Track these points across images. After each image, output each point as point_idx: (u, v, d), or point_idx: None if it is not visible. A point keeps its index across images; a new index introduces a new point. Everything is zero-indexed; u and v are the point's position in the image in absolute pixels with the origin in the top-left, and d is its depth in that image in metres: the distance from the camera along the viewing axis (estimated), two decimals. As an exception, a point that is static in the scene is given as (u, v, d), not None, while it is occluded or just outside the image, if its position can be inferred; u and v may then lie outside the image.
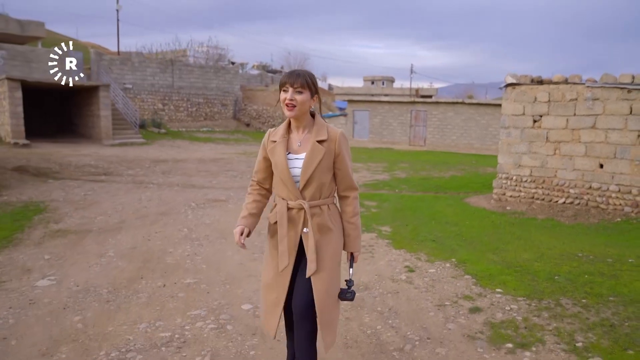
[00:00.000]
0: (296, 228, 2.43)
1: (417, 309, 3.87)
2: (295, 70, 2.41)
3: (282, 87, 2.38)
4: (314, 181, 2.40)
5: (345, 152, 2.45)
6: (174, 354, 3.09)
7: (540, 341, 3.23)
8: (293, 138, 2.47)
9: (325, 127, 2.44)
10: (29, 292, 4.20)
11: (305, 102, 2.36)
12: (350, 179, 2.49)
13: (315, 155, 2.37)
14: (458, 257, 5.31)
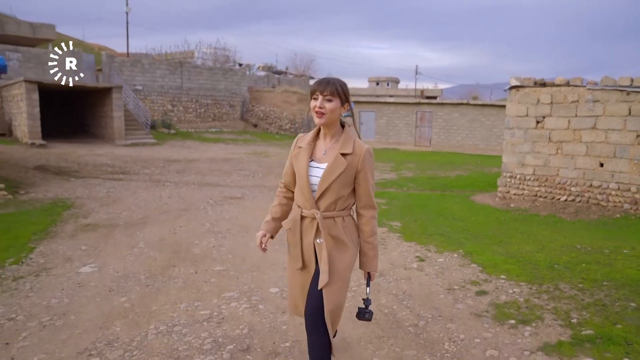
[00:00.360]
0: (309, 237, 2.45)
1: (428, 292, 4.27)
2: (326, 78, 2.42)
3: (312, 94, 2.41)
4: (331, 193, 2.39)
5: (368, 169, 2.42)
6: (216, 328, 3.50)
7: (540, 318, 3.63)
8: (319, 146, 2.47)
9: (352, 141, 2.41)
10: (75, 277, 4.63)
11: (335, 110, 2.37)
12: (370, 197, 2.46)
13: (336, 168, 2.36)
14: (465, 249, 5.71)
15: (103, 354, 3.11)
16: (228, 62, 41.53)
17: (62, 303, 3.96)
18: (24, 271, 4.78)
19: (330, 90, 2.34)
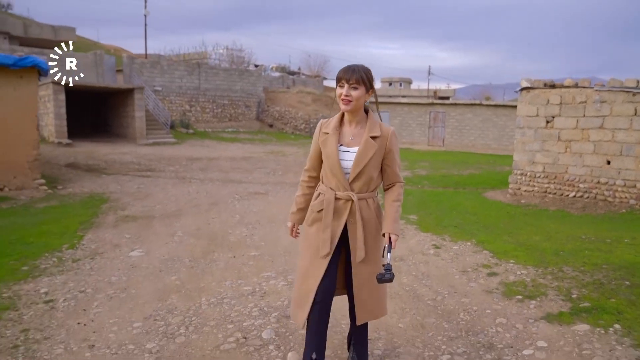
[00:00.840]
0: (341, 218, 2.55)
1: (444, 273, 4.77)
2: (351, 66, 2.48)
3: (338, 82, 2.49)
4: (364, 175, 2.51)
5: (395, 149, 2.57)
6: (260, 300, 4.03)
7: (544, 294, 4.11)
8: (345, 131, 2.57)
9: (379, 125, 2.54)
10: (127, 260, 5.19)
11: (361, 98, 2.46)
12: (397, 175, 2.63)
13: (368, 150, 2.48)
14: (477, 239, 6.18)
15: (166, 319, 3.65)
16: (243, 63, 42.27)
17: (121, 280, 4.52)
18: (80, 255, 5.35)
19: (356, 78, 2.42)
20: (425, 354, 3.11)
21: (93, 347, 3.17)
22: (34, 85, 9.08)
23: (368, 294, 2.63)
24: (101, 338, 3.30)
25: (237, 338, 3.29)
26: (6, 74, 8.55)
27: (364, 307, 2.64)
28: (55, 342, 3.23)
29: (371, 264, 2.59)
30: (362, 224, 2.54)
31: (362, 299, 2.62)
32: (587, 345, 3.19)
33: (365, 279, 2.60)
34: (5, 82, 8.59)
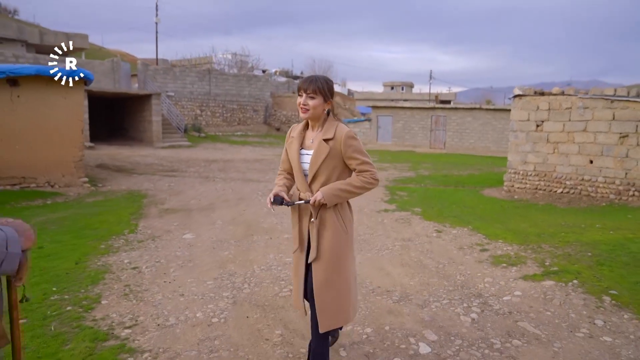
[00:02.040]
0: (304, 218, 2.68)
1: (445, 249, 5.87)
2: (311, 77, 2.63)
3: (298, 91, 2.62)
4: (321, 176, 2.60)
5: (352, 149, 2.58)
6: (299, 267, 5.13)
7: (524, 262, 5.21)
8: (308, 135, 2.70)
9: (334, 127, 2.59)
10: (183, 240, 6.30)
11: (318, 107, 2.57)
12: (368, 165, 2.63)
13: (321, 153, 2.56)
14: (473, 225, 7.27)
15: (231, 279, 4.74)
16: (248, 68, 43.50)
17: (185, 254, 5.62)
18: (141, 237, 6.46)
19: (312, 88, 2.55)
20: (431, 300, 4.21)
21: (183, 295, 4.27)
22: (81, 94, 10.22)
23: (328, 298, 2.63)
24: (186, 290, 4.41)
25: (290, 289, 4.39)
26: (58, 84, 9.68)
27: (324, 313, 2.62)
28: (153, 292, 4.33)
29: (329, 266, 2.61)
30: (319, 224, 2.61)
31: (322, 303, 2.63)
32: (550, 292, 4.29)
33: (322, 282, 2.62)
34: (56, 92, 9.73)
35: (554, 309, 3.97)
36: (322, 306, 2.61)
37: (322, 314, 2.61)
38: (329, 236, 2.60)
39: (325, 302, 2.61)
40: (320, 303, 2.61)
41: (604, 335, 3.47)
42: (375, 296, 4.25)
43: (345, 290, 2.67)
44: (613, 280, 4.50)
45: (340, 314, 2.66)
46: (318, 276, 2.61)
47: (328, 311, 2.62)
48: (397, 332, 3.51)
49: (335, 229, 2.61)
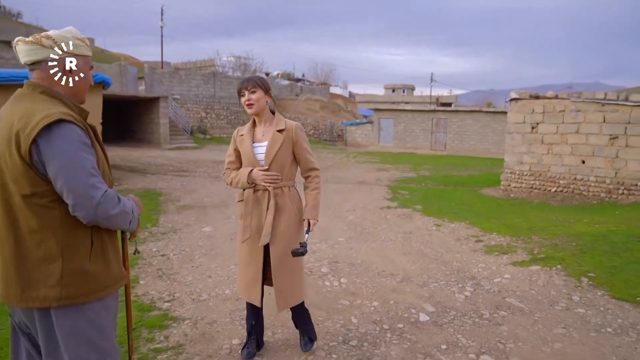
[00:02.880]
0: (261, 206, 2.86)
1: (443, 240, 6.42)
2: (247, 77, 2.95)
3: (239, 93, 2.87)
4: (276, 164, 2.83)
5: (302, 139, 2.91)
6: (312, 255, 5.67)
7: (514, 251, 5.76)
8: (257, 131, 2.95)
9: (284, 120, 2.92)
10: (202, 233, 6.85)
11: (261, 99, 2.83)
12: (309, 161, 2.95)
13: (276, 142, 2.84)
14: (470, 220, 7.82)
15: (250, 265, 5.29)
16: (248, 70, 44.17)
17: (206, 244, 6.18)
18: (164, 230, 7.02)
19: (252, 84, 2.84)
20: (429, 281, 4.76)
21: (210, 277, 4.83)
22: (99, 97, 10.79)
23: (285, 280, 2.88)
24: (212, 273, 4.96)
25: (306, 272, 4.93)
26: (78, 88, 10.25)
27: (281, 294, 2.89)
28: (183, 275, 4.89)
29: (285, 249, 2.83)
30: (275, 210, 2.84)
31: (279, 284, 2.87)
32: (535, 275, 4.84)
33: (280, 262, 2.85)
34: (77, 95, 10.30)
35: (538, 288, 4.52)
36: (282, 286, 2.87)
37: (281, 293, 2.88)
38: (285, 220, 2.85)
39: (282, 284, 2.87)
40: (278, 284, 2.87)
41: (579, 307, 4.02)
42: (380, 278, 4.80)
43: (298, 270, 2.96)
44: (592, 265, 5.05)
45: (295, 293, 2.95)
46: (276, 260, 2.83)
47: (286, 290, 2.89)
48: (400, 305, 4.06)
49: (290, 214, 2.88)
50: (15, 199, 1.66)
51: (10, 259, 1.69)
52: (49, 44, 1.76)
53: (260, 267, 2.88)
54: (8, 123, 1.67)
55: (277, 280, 2.85)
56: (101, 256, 1.81)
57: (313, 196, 2.93)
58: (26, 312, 1.76)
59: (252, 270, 2.91)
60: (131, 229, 1.91)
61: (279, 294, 2.88)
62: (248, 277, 2.92)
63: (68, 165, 1.62)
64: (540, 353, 3.22)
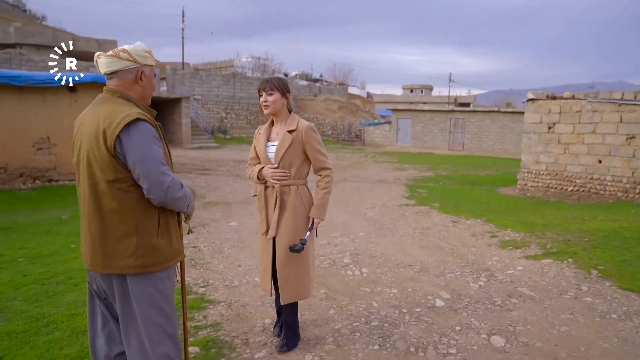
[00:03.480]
0: (269, 202, 3.04)
1: (459, 236, 6.68)
2: (267, 78, 3.08)
3: (258, 93, 3.03)
4: (285, 163, 2.96)
5: (313, 140, 2.99)
6: (334, 247, 5.99)
7: (527, 246, 6.00)
8: (274, 130, 3.10)
9: (297, 121, 3.02)
10: (229, 227, 7.22)
11: (277, 101, 2.97)
12: (320, 161, 3.04)
13: (285, 142, 2.96)
14: (486, 218, 8.05)
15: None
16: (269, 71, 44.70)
17: (234, 237, 6.54)
18: (192, 224, 7.39)
19: (269, 86, 2.97)
20: (445, 272, 5.04)
21: (240, 266, 5.18)
22: (128, 99, 11.23)
23: (289, 274, 2.99)
24: (242, 263, 5.32)
25: (329, 262, 5.28)
26: (109, 90, 10.73)
27: (285, 287, 3.00)
28: (215, 264, 5.25)
29: (288, 243, 2.94)
30: (281, 206, 2.99)
31: (284, 277, 2.99)
32: (547, 268, 5.09)
33: (284, 258, 2.98)
34: (107, 97, 10.78)
35: (549, 279, 4.77)
36: (283, 281, 2.99)
37: (283, 288, 3.00)
38: (292, 217, 2.96)
39: (286, 278, 2.98)
40: (282, 277, 2.98)
41: (586, 297, 4.27)
42: (399, 268, 5.10)
43: (305, 267, 3.02)
44: (603, 259, 5.28)
45: (299, 289, 3.03)
46: (281, 254, 2.96)
47: (288, 286, 2.99)
48: (417, 292, 4.36)
49: (296, 212, 2.98)
50: (100, 184, 2.01)
51: (96, 235, 2.05)
52: (124, 56, 2.11)
53: (269, 259, 3.06)
54: (94, 122, 2.02)
55: (281, 274, 2.99)
56: (166, 233, 2.16)
57: (320, 196, 3.04)
58: (105, 280, 2.12)
59: (264, 262, 3.13)
60: (188, 211, 2.26)
61: (283, 287, 3.01)
62: (261, 267, 3.17)
63: (144, 156, 1.96)
64: (547, 334, 3.49)
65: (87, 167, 2.04)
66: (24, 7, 65.93)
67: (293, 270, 2.99)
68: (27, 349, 3.05)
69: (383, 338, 3.39)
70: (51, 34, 35.82)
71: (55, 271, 4.72)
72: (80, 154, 2.09)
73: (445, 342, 3.33)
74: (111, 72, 2.13)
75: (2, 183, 9.66)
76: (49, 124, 10.15)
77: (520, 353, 3.19)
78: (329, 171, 3.08)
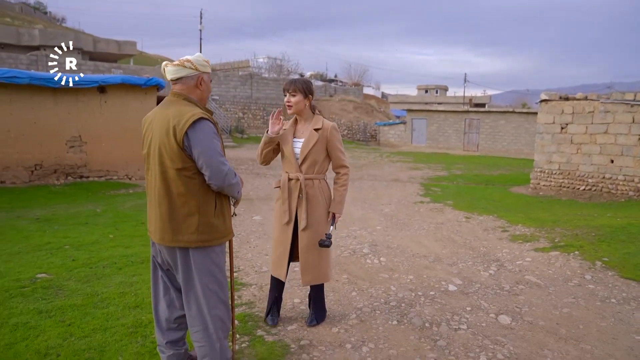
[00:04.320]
0: (292, 195, 3.26)
1: (472, 230, 7.03)
2: (291, 79, 3.31)
3: (284, 92, 3.29)
4: (310, 158, 3.22)
5: (335, 139, 3.27)
6: (353, 239, 6.38)
7: (537, 240, 6.33)
8: (298, 128, 3.35)
9: (322, 120, 3.29)
10: (253, 221, 7.64)
11: (299, 102, 3.22)
12: (340, 159, 3.30)
13: (312, 139, 3.21)
14: (498, 214, 8.38)
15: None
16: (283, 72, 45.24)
17: (259, 230, 6.95)
18: (218, 219, 7.83)
19: (293, 88, 3.22)
20: (458, 262, 5.40)
21: (267, 255, 5.59)
22: (154, 99, 11.76)
23: (311, 259, 3.27)
24: (268, 252, 5.71)
25: (349, 252, 5.67)
26: (136, 91, 11.26)
27: (307, 270, 3.30)
28: (244, 253, 5.67)
29: (313, 232, 3.25)
30: (307, 199, 3.24)
31: (306, 262, 3.28)
32: (554, 259, 5.43)
33: (307, 245, 3.25)
34: (135, 98, 11.31)
35: (555, 269, 5.11)
36: (305, 265, 3.29)
37: (305, 271, 3.30)
38: (315, 209, 3.25)
39: (308, 262, 3.28)
40: (304, 262, 3.28)
41: (589, 284, 4.61)
42: (414, 258, 5.48)
43: (325, 254, 3.34)
44: (608, 252, 5.60)
45: (320, 272, 3.35)
46: (304, 241, 3.24)
47: (310, 269, 3.29)
48: (432, 279, 4.73)
49: (318, 204, 3.27)
50: (170, 172, 2.43)
51: (165, 214, 2.47)
52: (188, 65, 2.53)
53: (288, 247, 3.31)
54: (164, 120, 2.44)
55: (305, 259, 3.28)
56: (221, 214, 2.57)
57: (340, 192, 3.31)
58: (170, 253, 2.54)
59: (280, 249, 3.36)
60: (238, 197, 2.67)
61: (305, 271, 3.31)
62: (277, 254, 3.39)
63: (206, 149, 2.38)
64: (549, 315, 3.84)
65: (159, 157, 2.45)
66: (44, 9, 67.41)
67: (316, 256, 3.29)
68: (90, 319, 3.49)
69: (401, 315, 3.78)
70: (73, 36, 36.72)
71: (99, 257, 5.18)
72: (150, 147, 2.51)
73: (456, 320, 3.71)
74: (176, 79, 2.55)
75: (38, 179, 10.23)
76: (81, 123, 10.70)
77: (524, 329, 3.56)
78: (347, 169, 3.35)
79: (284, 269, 3.38)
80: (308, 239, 3.26)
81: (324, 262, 3.37)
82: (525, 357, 3.12)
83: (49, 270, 4.64)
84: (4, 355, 2.94)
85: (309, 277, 3.34)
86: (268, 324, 3.57)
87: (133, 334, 3.28)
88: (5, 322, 3.39)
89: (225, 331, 2.63)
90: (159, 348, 2.78)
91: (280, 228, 3.37)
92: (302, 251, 3.28)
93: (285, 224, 3.31)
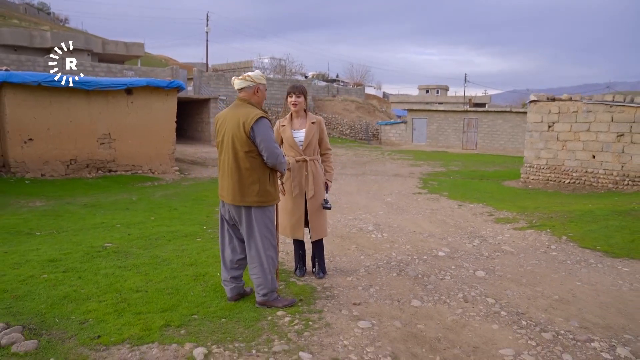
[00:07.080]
0: (301, 172, 4.24)
1: (463, 215, 8.09)
2: (295, 84, 4.36)
3: (288, 94, 4.25)
4: (310, 145, 4.26)
5: (324, 129, 4.42)
6: (360, 221, 7.44)
7: (517, 221, 7.39)
8: (294, 122, 4.35)
9: (314, 116, 4.37)
10: (271, 207, 8.69)
11: (302, 102, 4.24)
12: (327, 143, 4.44)
13: (311, 130, 4.27)
14: (487, 203, 9.43)
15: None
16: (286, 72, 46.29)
17: (277, 214, 8.01)
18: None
19: (298, 91, 4.26)
20: (448, 237, 6.46)
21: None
22: (175, 100, 12.85)
23: (317, 220, 4.35)
24: (288, 230, 6.77)
25: (357, 229, 6.74)
26: (159, 93, 12.34)
27: (315, 229, 4.37)
28: (267, 231, 6.72)
29: (318, 200, 4.35)
30: (312, 175, 4.30)
31: (316, 223, 4.35)
32: (528, 235, 6.49)
33: (314, 209, 4.33)
34: (158, 98, 12.39)
35: (528, 242, 6.17)
36: (315, 225, 4.37)
37: (314, 229, 4.38)
38: (316, 181, 4.30)
39: (317, 222, 4.36)
40: (314, 222, 4.35)
41: (553, 252, 5.67)
42: (412, 234, 6.54)
43: (325, 215, 4.47)
44: (574, 230, 6.66)
45: (323, 229, 4.46)
46: (313, 206, 4.32)
47: (318, 227, 4.37)
48: (425, 248, 5.80)
49: (319, 177, 4.34)
50: (240, 154, 3.49)
51: (236, 182, 3.53)
52: (249, 79, 3.59)
53: (302, 214, 4.33)
54: (235, 118, 3.50)
55: (313, 221, 4.34)
56: (273, 184, 3.64)
57: (330, 166, 4.53)
58: (237, 211, 3.60)
59: (296, 217, 4.32)
60: (284, 172, 3.72)
61: (314, 230, 4.39)
62: (293, 221, 4.34)
63: (265, 139, 3.44)
64: (516, 271, 4.90)
65: (232, 144, 3.51)
66: (48, 10, 68.25)
67: (321, 217, 4.42)
68: (160, 271, 4.55)
69: (399, 270, 4.84)
70: (83, 38, 37.78)
71: (149, 232, 6.25)
72: (224, 136, 3.57)
73: (443, 273, 4.78)
74: (240, 88, 3.61)
75: (73, 172, 11.32)
76: (110, 122, 11.78)
77: (494, 279, 4.62)
78: (331, 151, 4.56)
79: (302, 230, 4.39)
80: (315, 205, 4.35)
81: (324, 221, 4.49)
82: (492, 295, 4.19)
83: (113, 241, 5.71)
84: (108, 289, 4.00)
85: (317, 233, 4.40)
86: (297, 275, 4.63)
87: (196, 279, 4.34)
88: (98, 272, 4.47)
89: (274, 267, 3.70)
90: (223, 282, 3.85)
91: (292, 200, 4.30)
92: (312, 214, 4.31)
93: (297, 195, 4.27)
